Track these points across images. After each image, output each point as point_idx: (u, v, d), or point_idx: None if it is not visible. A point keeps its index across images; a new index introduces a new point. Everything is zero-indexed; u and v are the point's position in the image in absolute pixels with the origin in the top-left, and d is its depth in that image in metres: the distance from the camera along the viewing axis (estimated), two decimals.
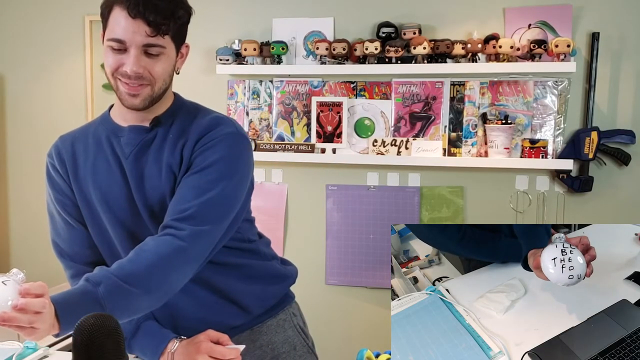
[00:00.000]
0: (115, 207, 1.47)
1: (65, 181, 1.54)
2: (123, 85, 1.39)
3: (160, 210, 1.43)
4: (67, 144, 1.56)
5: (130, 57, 1.35)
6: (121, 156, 1.47)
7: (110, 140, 1.49)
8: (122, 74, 1.37)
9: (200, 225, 1.35)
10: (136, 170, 1.45)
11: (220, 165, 1.41)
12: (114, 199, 1.46)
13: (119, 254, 1.48)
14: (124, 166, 1.46)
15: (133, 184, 1.45)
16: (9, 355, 1.57)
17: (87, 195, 1.50)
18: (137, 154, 1.45)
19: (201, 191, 1.38)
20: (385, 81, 2.87)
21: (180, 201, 1.38)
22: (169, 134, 1.46)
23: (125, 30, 1.33)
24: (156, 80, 1.39)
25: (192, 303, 1.51)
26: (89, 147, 1.52)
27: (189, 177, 1.41)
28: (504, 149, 2.69)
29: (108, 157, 1.48)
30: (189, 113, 1.50)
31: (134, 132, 1.47)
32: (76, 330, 1.38)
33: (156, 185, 1.44)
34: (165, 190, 1.43)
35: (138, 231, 1.46)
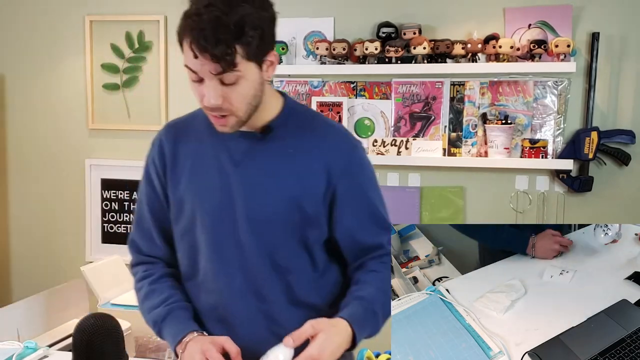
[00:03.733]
0: (207, 213, 1.42)
1: (160, 176, 1.50)
2: (211, 117, 1.35)
3: (265, 224, 1.39)
4: (170, 134, 1.50)
5: (206, 88, 1.29)
6: (228, 162, 1.41)
7: (216, 141, 1.43)
8: (205, 107, 1.33)
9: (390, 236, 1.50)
10: (246, 179, 1.39)
11: (373, 186, 1.47)
12: (209, 203, 1.42)
13: (198, 258, 1.45)
14: (229, 173, 1.41)
15: (240, 194, 1.39)
16: (9, 355, 1.57)
17: (181, 194, 1.45)
18: (249, 163, 1.40)
19: (380, 222, 1.46)
20: (385, 81, 2.87)
21: (369, 233, 1.45)
22: (289, 148, 1.40)
23: (194, 64, 1.27)
24: (237, 108, 1.32)
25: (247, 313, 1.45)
26: (191, 143, 1.46)
27: (355, 201, 1.43)
28: (504, 149, 2.69)
29: (211, 159, 1.43)
30: (305, 121, 1.45)
31: (245, 139, 1.40)
32: (76, 330, 1.38)
33: (268, 197, 1.39)
34: (280, 205, 1.39)
35: (226, 240, 1.42)
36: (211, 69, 1.25)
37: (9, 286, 3.38)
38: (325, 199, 1.41)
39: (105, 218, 3.22)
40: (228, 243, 1.41)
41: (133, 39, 3.10)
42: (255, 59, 1.29)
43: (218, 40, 1.22)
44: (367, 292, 1.40)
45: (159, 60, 3.08)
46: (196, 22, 1.22)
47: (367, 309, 1.37)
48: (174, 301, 1.46)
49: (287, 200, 1.38)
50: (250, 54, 1.27)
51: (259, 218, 1.39)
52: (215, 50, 1.22)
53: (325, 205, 1.42)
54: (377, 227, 1.46)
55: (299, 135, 1.41)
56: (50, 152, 3.26)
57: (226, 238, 1.41)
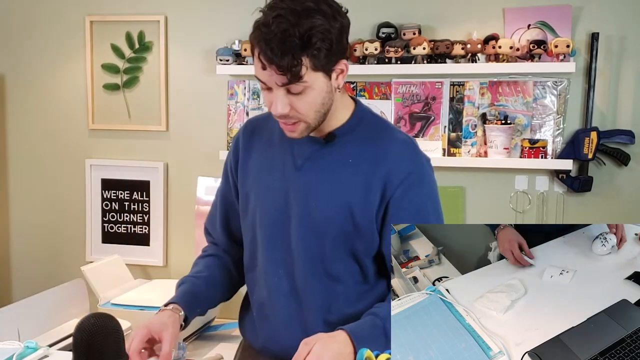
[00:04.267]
0: (266, 212, 1.45)
1: (233, 172, 1.55)
2: (281, 124, 1.37)
3: (318, 229, 1.40)
4: (247, 131, 1.55)
5: (274, 97, 1.31)
6: (291, 165, 1.43)
7: (284, 144, 1.45)
8: (273, 114, 1.34)
9: None
10: (305, 184, 1.41)
11: (431, 205, 1.44)
12: (269, 203, 1.45)
13: (257, 254, 1.49)
14: (290, 175, 1.43)
15: (298, 197, 1.41)
16: (9, 355, 1.57)
17: (248, 190, 1.50)
18: (309, 168, 1.42)
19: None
20: (385, 81, 2.87)
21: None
22: (349, 157, 1.40)
23: (262, 74, 1.29)
24: (304, 116, 1.33)
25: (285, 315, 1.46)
26: (264, 141, 1.50)
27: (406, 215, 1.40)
28: (503, 149, 2.69)
29: (277, 160, 1.46)
30: (371, 131, 1.44)
31: (309, 144, 1.42)
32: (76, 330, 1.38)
33: (324, 203, 1.39)
34: (334, 212, 1.39)
35: (278, 241, 1.44)
36: (277, 80, 1.27)
37: (9, 286, 3.38)
38: (379, 211, 1.40)
39: (105, 218, 3.23)
40: (280, 245, 1.44)
41: (133, 39, 3.10)
42: (323, 69, 1.30)
43: (284, 52, 1.23)
44: (383, 309, 1.38)
45: (159, 60, 3.08)
46: (264, 34, 1.24)
47: (376, 325, 1.35)
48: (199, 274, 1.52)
49: (340, 208, 1.38)
50: (317, 64, 1.28)
51: (311, 224, 1.40)
52: (282, 62, 1.23)
53: (378, 218, 1.40)
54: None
55: (362, 145, 1.41)
56: (50, 152, 3.26)
57: (278, 240, 1.44)
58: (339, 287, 1.43)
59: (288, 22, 1.23)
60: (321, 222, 1.40)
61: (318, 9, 1.27)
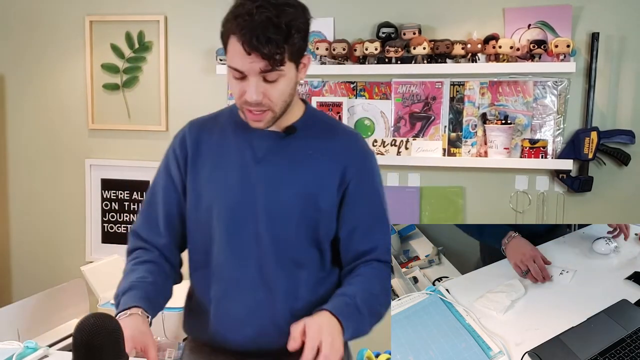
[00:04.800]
0: (226, 206, 1.48)
1: (180, 168, 1.54)
2: (247, 112, 1.42)
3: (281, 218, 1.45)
4: (194, 130, 1.56)
5: (250, 85, 1.36)
6: (250, 159, 1.48)
7: (240, 139, 1.50)
8: (244, 102, 1.39)
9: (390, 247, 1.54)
10: (267, 175, 1.46)
11: (381, 192, 1.54)
12: (228, 197, 1.47)
13: (211, 249, 1.50)
14: (250, 169, 1.47)
15: (260, 189, 1.46)
16: (9, 355, 1.57)
17: (200, 187, 1.51)
18: (271, 160, 1.47)
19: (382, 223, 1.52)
20: (385, 81, 2.87)
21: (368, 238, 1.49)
22: (308, 149, 1.48)
23: (242, 62, 1.34)
24: (274, 104, 1.40)
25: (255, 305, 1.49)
26: (214, 139, 1.53)
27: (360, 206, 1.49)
28: (503, 149, 2.69)
29: (233, 155, 1.49)
30: (324, 126, 1.54)
31: (269, 137, 1.48)
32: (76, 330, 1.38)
33: (286, 193, 1.45)
34: (296, 201, 1.46)
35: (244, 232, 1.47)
36: (261, 66, 1.33)
37: (9, 286, 3.38)
38: (338, 196, 1.48)
39: (105, 218, 3.23)
40: (246, 236, 1.47)
41: (133, 39, 3.10)
42: (295, 60, 1.38)
43: (269, 40, 1.30)
44: (348, 289, 1.45)
45: (159, 60, 3.08)
46: (248, 22, 1.31)
47: (349, 303, 1.41)
48: (144, 279, 1.48)
49: (303, 196, 1.46)
50: (293, 54, 1.36)
51: (277, 213, 1.46)
52: (266, 49, 1.30)
53: (336, 203, 1.49)
54: (378, 233, 1.51)
55: (319, 138, 1.50)
56: (50, 152, 3.26)
57: (245, 231, 1.47)
58: (303, 274, 1.49)
59: (271, 12, 1.31)
60: (286, 210, 1.46)
61: (292, 4, 1.36)
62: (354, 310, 1.40)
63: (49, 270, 3.29)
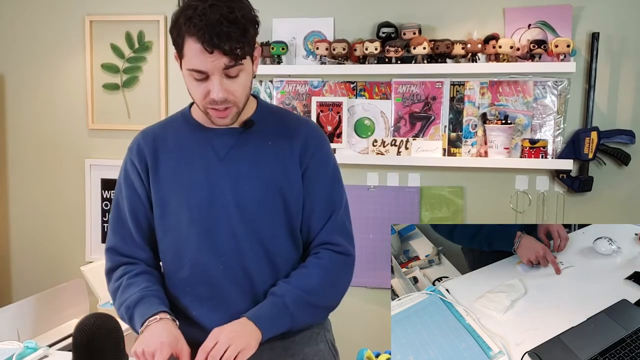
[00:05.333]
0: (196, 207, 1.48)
1: (142, 178, 1.54)
2: (212, 112, 1.43)
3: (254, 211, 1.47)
4: (148, 139, 1.56)
5: (213, 84, 1.38)
6: (213, 157, 1.49)
7: (199, 140, 1.51)
8: (210, 102, 1.41)
9: (352, 238, 1.55)
10: (232, 171, 1.48)
11: (337, 174, 1.58)
12: (197, 198, 1.48)
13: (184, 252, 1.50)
14: (215, 167, 1.48)
15: (228, 185, 1.47)
16: (9, 355, 1.57)
17: (165, 193, 1.51)
18: (234, 156, 1.49)
19: (340, 205, 1.54)
20: (385, 81, 2.87)
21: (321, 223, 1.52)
22: (267, 140, 1.50)
23: (204, 62, 1.35)
24: (238, 99, 1.43)
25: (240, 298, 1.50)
26: (170, 145, 1.53)
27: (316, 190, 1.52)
28: (503, 149, 2.69)
29: (195, 157, 1.50)
30: (278, 116, 1.57)
31: (228, 134, 1.50)
32: (76, 330, 1.38)
33: (254, 185, 1.48)
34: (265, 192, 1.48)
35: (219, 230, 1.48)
36: (224, 62, 1.35)
37: (9, 286, 3.38)
38: (300, 183, 1.51)
39: (105, 218, 3.23)
40: (221, 233, 1.48)
41: (133, 39, 3.10)
42: (250, 54, 1.41)
43: (228, 36, 1.33)
44: (279, 286, 1.47)
45: (159, 60, 3.08)
46: (204, 21, 1.31)
47: (276, 303, 1.44)
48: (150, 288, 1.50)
49: (271, 187, 1.48)
50: (248, 49, 1.38)
51: (248, 206, 1.47)
52: (227, 45, 1.32)
53: (300, 190, 1.51)
54: (331, 223, 1.52)
55: (275, 128, 1.53)
56: (50, 152, 3.26)
57: (219, 228, 1.48)
58: (279, 260, 1.51)
59: (224, 9, 1.33)
60: (256, 202, 1.48)
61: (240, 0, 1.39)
62: (281, 311, 1.43)
63: (49, 270, 3.29)
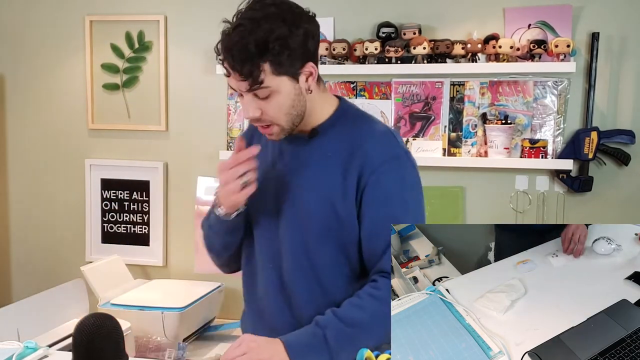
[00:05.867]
0: (259, 209, 1.50)
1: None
2: (258, 127, 1.43)
3: (300, 222, 1.44)
4: (248, 135, 1.57)
5: (244, 103, 1.37)
6: (279, 163, 1.49)
7: (273, 145, 1.50)
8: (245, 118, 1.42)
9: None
10: (289, 180, 1.46)
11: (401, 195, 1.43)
12: (261, 202, 1.49)
13: (255, 251, 1.52)
14: (278, 173, 1.48)
15: (283, 193, 1.46)
16: (9, 355, 1.57)
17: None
18: (293, 164, 1.46)
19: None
20: (385, 81, 2.87)
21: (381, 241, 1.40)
22: (328, 152, 1.43)
23: (231, 82, 1.36)
24: (275, 118, 1.38)
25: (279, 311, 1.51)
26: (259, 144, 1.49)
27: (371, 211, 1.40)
28: (503, 149, 2.69)
29: (267, 160, 1.50)
30: (351, 124, 1.46)
31: (295, 141, 1.47)
32: (76, 330, 1.38)
33: (307, 199, 1.43)
34: (317, 207, 1.42)
35: (268, 237, 1.49)
36: (241, 86, 1.33)
37: (9, 286, 3.38)
38: (356, 200, 1.42)
39: (105, 218, 3.22)
40: (270, 240, 1.49)
41: (133, 39, 3.10)
42: (287, 73, 1.34)
43: (243, 60, 1.29)
44: (326, 316, 1.40)
45: (159, 60, 3.08)
46: (226, 42, 1.32)
47: (316, 334, 1.37)
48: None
49: (321, 201, 1.42)
50: (279, 69, 1.32)
51: (296, 217, 1.44)
52: (242, 69, 1.30)
53: (355, 207, 1.42)
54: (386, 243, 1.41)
55: (341, 137, 1.44)
56: (50, 152, 3.26)
57: (269, 235, 1.49)
58: (325, 277, 1.44)
59: (246, 31, 1.29)
60: (305, 215, 1.44)
61: (279, 15, 1.32)
62: (319, 342, 1.36)
63: (49, 270, 3.29)
